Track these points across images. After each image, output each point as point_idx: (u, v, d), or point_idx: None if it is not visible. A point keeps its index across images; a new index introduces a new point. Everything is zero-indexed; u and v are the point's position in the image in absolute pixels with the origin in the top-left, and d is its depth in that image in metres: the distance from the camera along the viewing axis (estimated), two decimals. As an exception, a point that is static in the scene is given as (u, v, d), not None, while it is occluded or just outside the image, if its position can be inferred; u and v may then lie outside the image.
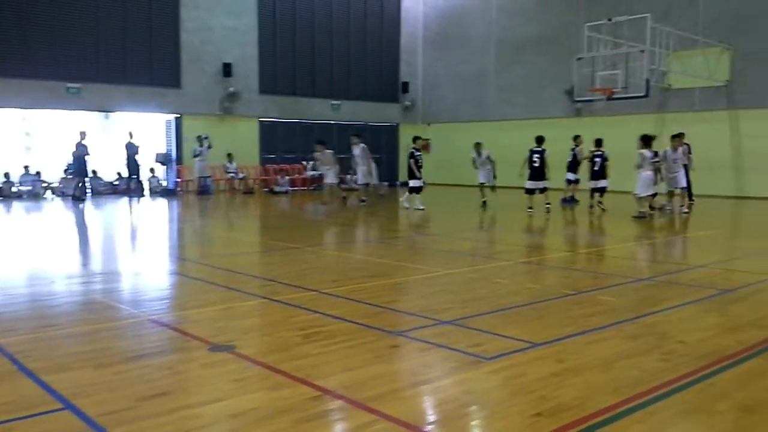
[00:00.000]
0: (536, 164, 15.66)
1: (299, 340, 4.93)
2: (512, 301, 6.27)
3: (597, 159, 16.31)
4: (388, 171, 29.61)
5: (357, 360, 4.44)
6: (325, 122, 27.26)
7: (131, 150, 21.40)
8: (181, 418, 3.45)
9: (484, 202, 17.26)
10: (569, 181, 17.56)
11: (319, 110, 27.10)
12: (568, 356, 4.52)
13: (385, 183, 29.04)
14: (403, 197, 17.13)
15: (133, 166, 21.54)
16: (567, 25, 24.15)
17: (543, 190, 15.75)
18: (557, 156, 17.03)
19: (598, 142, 16.57)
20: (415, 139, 17.19)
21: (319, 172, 24.34)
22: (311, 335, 5.02)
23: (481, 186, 17.54)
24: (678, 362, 4.39)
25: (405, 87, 29.72)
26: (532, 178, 15.73)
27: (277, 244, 10.43)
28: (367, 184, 19.06)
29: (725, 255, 9.81)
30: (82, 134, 19.99)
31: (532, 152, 15.78)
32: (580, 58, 19.20)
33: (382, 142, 29.44)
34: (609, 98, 18.70)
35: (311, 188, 25.32)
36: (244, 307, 6.15)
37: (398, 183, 29.65)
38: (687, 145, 16.00)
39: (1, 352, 4.60)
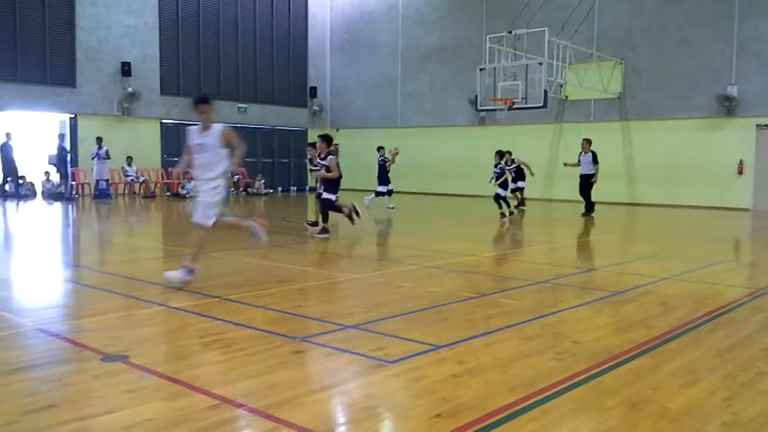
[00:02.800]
0: None
1: (198, 348, 4.78)
2: (416, 305, 6.34)
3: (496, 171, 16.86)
4: (296, 177, 29.43)
5: (259, 367, 4.36)
6: (231, 125, 26.70)
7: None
8: (70, 431, 3.27)
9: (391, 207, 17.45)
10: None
11: (225, 113, 26.54)
12: (469, 357, 4.61)
13: (294, 188, 28.89)
14: (370, 198, 18.18)
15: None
16: (469, 36, 24.84)
17: None
18: (464, 164, 17.46)
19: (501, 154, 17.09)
20: (380, 148, 18.59)
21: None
22: (211, 343, 4.88)
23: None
24: (571, 361, 4.57)
25: (313, 92, 29.63)
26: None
27: (179, 250, 10.07)
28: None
29: (617, 258, 10.34)
30: (8, 135, 20.00)
31: None
32: (482, 69, 19.79)
33: (291, 147, 29.22)
34: (510, 108, 19.36)
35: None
36: (141, 315, 5.91)
37: (307, 188, 29.50)
38: (593, 152, 16.81)
39: None
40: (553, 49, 19.37)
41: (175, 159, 25.02)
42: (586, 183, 16.73)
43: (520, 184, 18.38)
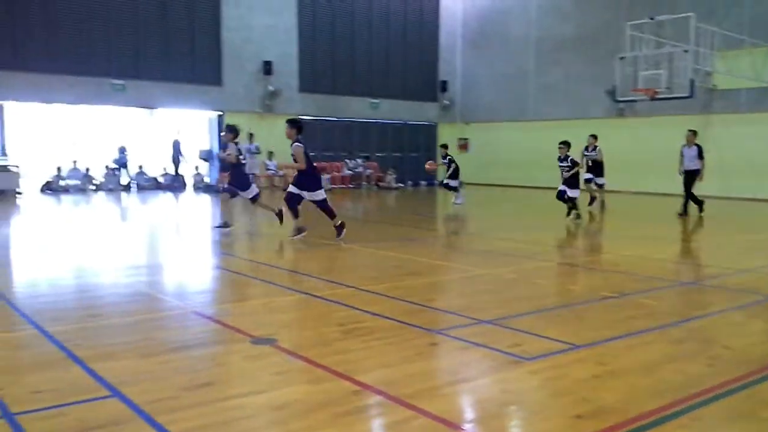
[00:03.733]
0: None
1: (339, 335, 4.97)
2: (552, 302, 6.22)
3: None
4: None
5: (396, 357, 4.47)
6: (363, 120, 27.35)
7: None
8: (225, 409, 3.52)
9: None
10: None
11: (358, 109, 27.21)
12: (610, 359, 4.47)
13: (424, 182, 29.11)
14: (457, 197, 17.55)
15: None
16: (607, 24, 23.80)
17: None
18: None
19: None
20: (445, 145, 17.96)
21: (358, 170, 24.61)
22: (351, 331, 5.06)
23: None
24: (723, 367, 4.31)
25: (444, 86, 29.65)
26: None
27: (315, 241, 10.49)
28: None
29: (772, 260, 9.56)
30: (177, 131, 22.01)
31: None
32: (622, 58, 18.89)
33: (421, 141, 29.45)
34: (652, 99, 18.35)
35: (350, 186, 25.43)
36: (285, 302, 6.23)
37: (436, 182, 29.63)
38: (698, 146, 15.46)
39: (50, 340, 4.74)
40: (700, 36, 18.14)
41: (312, 154, 26.02)
42: (691, 179, 15.20)
43: (599, 180, 16.52)
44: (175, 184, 22.82)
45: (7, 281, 7.30)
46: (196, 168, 23.86)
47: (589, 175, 16.27)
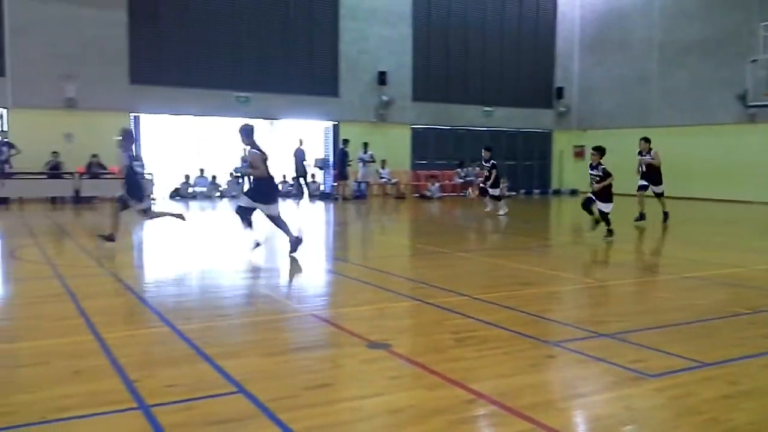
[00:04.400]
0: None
1: (452, 343, 4.97)
2: (677, 317, 5.92)
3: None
4: (540, 179, 29.07)
5: (511, 367, 4.41)
6: (476, 129, 27.19)
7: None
8: (343, 410, 3.61)
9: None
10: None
11: (471, 117, 27.09)
12: (742, 378, 4.20)
13: (536, 190, 28.53)
14: (492, 206, 16.95)
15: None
16: (737, 26, 22.37)
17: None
18: (727, 165, 15.77)
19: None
20: (489, 148, 17.40)
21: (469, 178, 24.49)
22: (464, 339, 5.05)
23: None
24: None
25: (559, 92, 28.95)
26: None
27: (427, 248, 10.56)
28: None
29: None
30: (300, 141, 22.60)
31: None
32: (754, 60, 17.71)
33: (535, 149, 28.91)
34: (789, 102, 17.08)
35: (461, 194, 25.35)
36: (398, 308, 6.30)
37: (550, 191, 28.97)
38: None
39: (181, 337, 5.05)
40: None
41: (424, 162, 26.23)
42: None
43: (657, 188, 14.56)
44: (293, 191, 23.65)
45: (142, 281, 7.85)
46: (313, 176, 24.62)
47: (644, 182, 14.56)
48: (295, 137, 23.36)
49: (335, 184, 23.64)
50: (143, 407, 3.62)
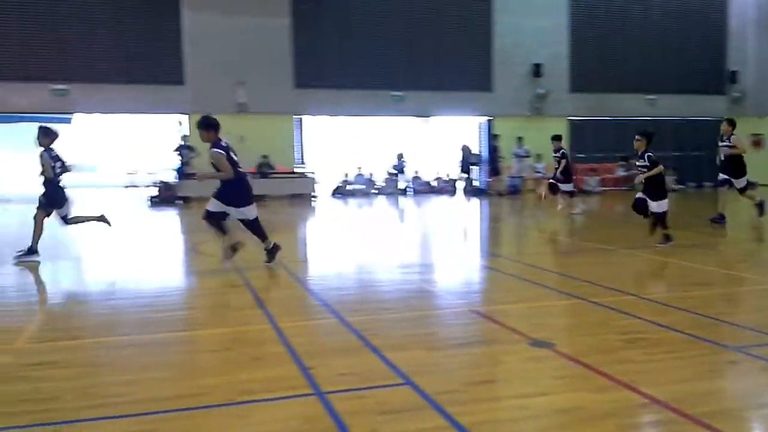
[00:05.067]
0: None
1: (621, 344, 4.79)
2: None
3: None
4: (709, 170, 26.95)
5: (687, 372, 4.18)
6: (638, 119, 25.78)
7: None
8: (510, 407, 3.63)
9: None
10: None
11: (632, 106, 25.72)
12: None
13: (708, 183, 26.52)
14: (564, 204, 14.80)
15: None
16: None
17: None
18: None
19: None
20: (558, 137, 15.02)
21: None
22: (634, 341, 4.85)
23: None
24: None
25: (733, 77, 26.67)
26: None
27: (588, 245, 10.21)
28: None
29: None
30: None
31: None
32: None
33: (703, 139, 26.86)
34: None
35: (623, 188, 24.17)
36: (560, 306, 6.18)
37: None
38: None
39: (349, 328, 5.29)
40: None
41: (582, 155, 25.30)
42: None
43: (739, 182, 11.99)
44: (447, 188, 23.82)
45: (309, 275, 8.31)
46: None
47: (724, 176, 12.11)
48: (450, 134, 23.53)
49: (489, 179, 23.50)
50: (319, 394, 3.85)
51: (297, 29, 21.85)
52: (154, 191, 20.71)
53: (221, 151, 7.89)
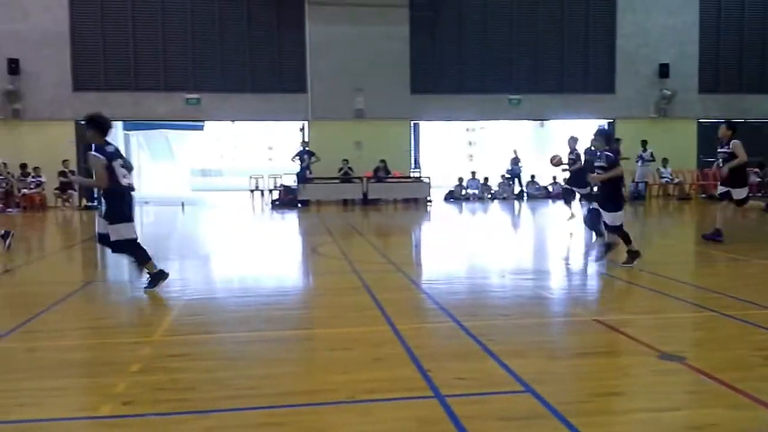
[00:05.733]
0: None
1: (760, 361, 4.49)
2: None
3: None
4: None
5: (839, 394, 3.85)
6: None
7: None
8: (639, 421, 3.49)
9: None
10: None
11: (762, 107, 23.97)
12: None
13: None
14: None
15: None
16: None
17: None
18: None
19: None
20: (574, 138, 13.14)
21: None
22: (774, 358, 4.53)
23: None
24: None
25: None
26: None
27: (719, 254, 9.61)
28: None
29: None
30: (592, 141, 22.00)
31: None
32: None
33: None
34: None
35: (758, 194, 22.54)
36: (690, 318, 5.87)
37: None
38: None
39: (467, 333, 5.29)
40: None
41: (711, 159, 23.82)
42: None
43: (738, 192, 10.32)
44: (565, 193, 23.18)
45: (424, 278, 8.36)
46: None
47: (723, 187, 10.55)
48: (566, 138, 22.86)
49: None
50: (438, 396, 3.88)
51: (415, 36, 22.08)
52: (276, 195, 21.60)
53: (100, 156, 6.82)
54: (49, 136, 20.39)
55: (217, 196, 28.08)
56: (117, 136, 27.54)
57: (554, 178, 24.17)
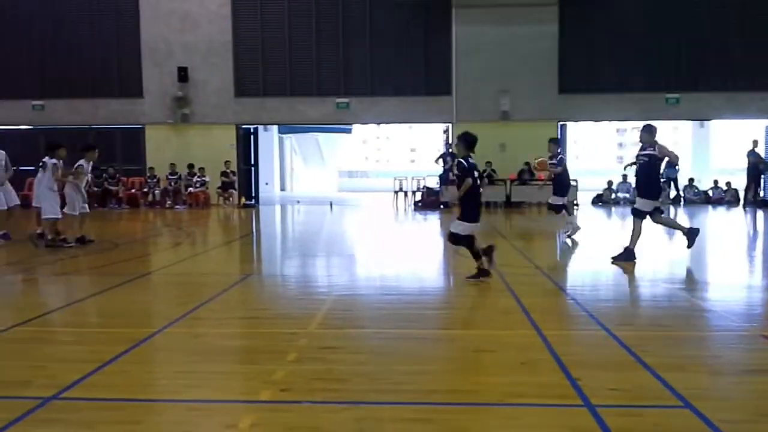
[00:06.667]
0: None
1: None
2: None
3: None
4: None
5: None
6: None
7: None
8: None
9: None
10: None
11: None
12: None
13: None
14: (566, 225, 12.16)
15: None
16: None
17: None
18: None
19: None
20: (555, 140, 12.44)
21: None
22: None
23: None
24: None
25: None
26: None
27: None
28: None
29: None
30: (754, 142, 20.93)
31: None
32: None
33: None
34: None
35: None
36: None
37: None
38: None
39: (619, 342, 5.09)
40: None
41: None
42: None
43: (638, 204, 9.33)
44: (726, 198, 21.56)
45: (570, 283, 8.13)
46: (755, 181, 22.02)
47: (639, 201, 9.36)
48: (732, 140, 21.25)
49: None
50: (588, 406, 3.77)
51: (564, 35, 21.46)
52: (419, 196, 21.86)
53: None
54: (213, 139, 21.96)
55: (362, 196, 28.91)
56: (272, 139, 29.25)
57: (715, 182, 22.55)
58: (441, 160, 21.43)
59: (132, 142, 22.33)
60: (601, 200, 22.26)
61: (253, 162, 23.66)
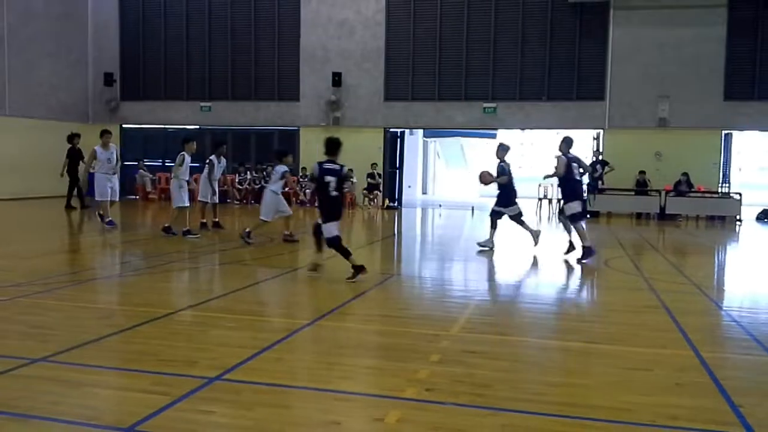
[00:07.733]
0: None
1: None
2: None
3: None
4: None
5: None
6: None
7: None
8: None
9: None
10: None
11: None
12: None
13: None
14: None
15: None
16: None
17: None
18: None
19: None
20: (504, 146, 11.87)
21: None
22: None
23: None
24: None
25: None
26: None
27: None
28: None
29: None
30: None
31: None
32: None
33: None
34: None
35: None
36: None
37: None
38: None
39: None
40: None
41: None
42: None
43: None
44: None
45: (731, 304, 7.56)
46: None
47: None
48: None
49: None
50: (747, 435, 3.53)
51: (733, 37, 19.94)
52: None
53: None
54: (362, 142, 22.59)
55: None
56: (417, 142, 29.63)
57: None
58: (590, 168, 20.67)
59: (287, 143, 23.56)
60: (767, 216, 20.45)
61: (398, 165, 24.09)
